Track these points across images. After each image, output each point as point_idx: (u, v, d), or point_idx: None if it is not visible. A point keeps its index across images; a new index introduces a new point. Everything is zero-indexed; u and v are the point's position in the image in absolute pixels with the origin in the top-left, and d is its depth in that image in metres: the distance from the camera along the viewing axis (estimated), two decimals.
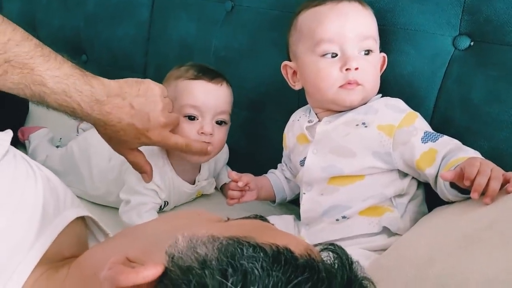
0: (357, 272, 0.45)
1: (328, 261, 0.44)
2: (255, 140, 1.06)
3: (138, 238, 0.50)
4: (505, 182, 0.64)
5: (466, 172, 0.65)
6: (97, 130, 0.80)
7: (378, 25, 0.89)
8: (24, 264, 0.49)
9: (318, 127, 0.87)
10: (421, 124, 0.81)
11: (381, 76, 0.88)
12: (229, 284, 0.37)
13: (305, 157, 0.88)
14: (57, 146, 1.26)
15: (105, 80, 0.77)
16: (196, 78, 0.96)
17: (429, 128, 0.81)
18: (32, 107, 1.39)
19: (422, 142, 0.77)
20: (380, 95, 0.87)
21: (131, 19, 1.34)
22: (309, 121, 0.89)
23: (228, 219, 0.53)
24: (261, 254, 0.40)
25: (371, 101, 0.85)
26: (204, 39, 1.18)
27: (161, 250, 0.42)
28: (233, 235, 0.43)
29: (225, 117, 0.98)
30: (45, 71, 0.69)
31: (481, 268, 0.49)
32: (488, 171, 0.64)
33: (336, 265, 0.43)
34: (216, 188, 1.14)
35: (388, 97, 0.86)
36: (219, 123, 0.97)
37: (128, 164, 0.90)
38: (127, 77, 1.35)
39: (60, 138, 1.30)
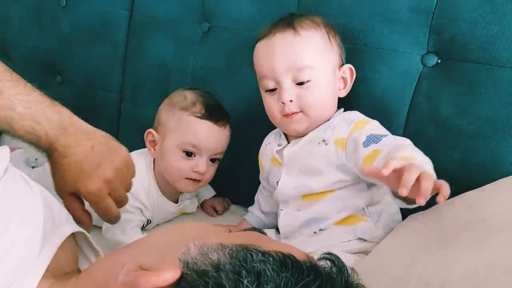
0: (354, 278, 0.48)
1: (327, 267, 0.47)
2: (235, 156, 1.08)
3: (149, 248, 0.52)
4: (435, 190, 0.63)
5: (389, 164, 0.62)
6: (50, 164, 0.72)
7: (350, 44, 0.94)
8: (30, 276, 0.50)
9: (285, 151, 0.90)
10: (369, 129, 0.81)
11: (354, 93, 0.93)
12: (245, 282, 0.40)
13: (279, 179, 0.91)
14: (33, 167, 1.25)
15: (76, 117, 0.73)
16: (202, 117, 0.97)
17: (381, 132, 0.80)
18: None
19: (364, 146, 0.78)
20: (342, 109, 0.91)
21: (106, 39, 1.34)
22: (278, 145, 0.93)
23: (230, 231, 0.55)
24: (270, 258, 0.43)
25: (332, 117, 0.88)
26: (182, 59, 1.20)
27: (174, 258, 0.44)
28: (240, 243, 0.46)
29: (220, 156, 1.01)
30: (14, 95, 0.66)
31: (461, 265, 0.52)
32: (417, 171, 0.62)
33: (335, 270, 0.47)
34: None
35: (348, 111, 0.90)
36: (213, 160, 1.00)
37: (90, 229, 0.89)
38: (104, 97, 1.37)
39: (36, 159, 1.29)
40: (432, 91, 0.87)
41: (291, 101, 0.84)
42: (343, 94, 0.89)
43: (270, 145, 0.96)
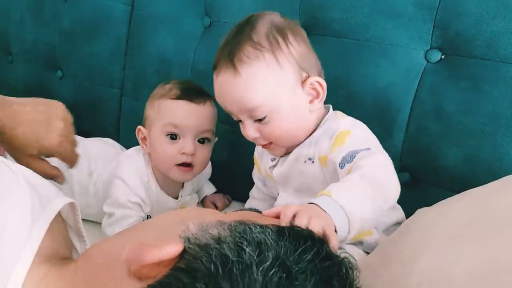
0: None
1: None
2: (236, 152, 1.07)
3: (149, 229, 0.53)
4: None
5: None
6: (2, 142, 0.76)
7: (353, 39, 0.93)
8: (23, 256, 0.49)
9: (274, 171, 0.86)
10: (349, 145, 0.75)
11: (357, 89, 0.92)
12: (247, 250, 0.42)
13: (278, 192, 0.88)
14: None
15: (1, 95, 0.76)
16: (178, 98, 0.96)
17: (359, 146, 0.74)
18: None
19: (341, 168, 0.73)
20: (330, 110, 0.85)
21: (107, 34, 1.34)
22: (271, 160, 0.88)
23: (226, 212, 0.56)
24: (268, 230, 0.45)
25: (318, 127, 0.82)
26: (183, 54, 1.19)
27: (174, 237, 0.45)
28: (238, 219, 0.47)
29: (208, 135, 0.98)
30: None
31: (464, 262, 0.51)
32: (291, 211, 0.54)
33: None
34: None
35: (333, 115, 0.83)
36: (202, 141, 0.98)
37: (112, 178, 0.90)
38: (104, 92, 1.37)
39: None
40: (435, 87, 0.86)
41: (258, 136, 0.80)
42: (318, 105, 0.81)
43: (265, 154, 0.91)
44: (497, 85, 0.80)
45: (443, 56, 0.86)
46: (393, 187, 0.68)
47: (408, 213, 0.81)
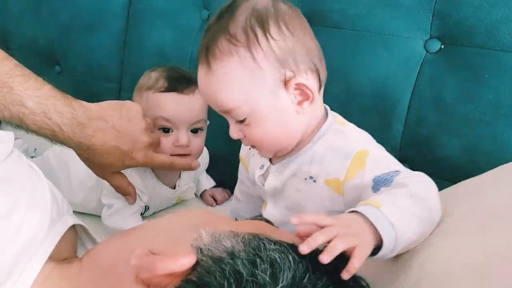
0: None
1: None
2: (234, 144, 1.06)
3: (157, 233, 0.51)
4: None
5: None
6: (78, 155, 0.77)
7: (352, 30, 0.92)
8: (35, 259, 0.49)
9: (266, 184, 0.77)
10: (372, 167, 0.65)
11: (356, 79, 0.91)
12: (261, 269, 0.40)
13: (266, 201, 0.81)
14: (32, 157, 1.24)
15: (86, 103, 0.75)
16: (166, 90, 0.94)
17: (389, 168, 0.64)
18: None
19: (374, 192, 0.62)
20: (329, 119, 0.74)
21: (105, 29, 1.33)
22: (260, 167, 0.79)
23: (236, 219, 0.55)
24: (284, 248, 0.43)
25: (314, 143, 0.71)
26: (181, 48, 1.19)
27: (185, 244, 0.44)
28: (251, 231, 0.46)
29: (201, 125, 0.97)
30: (24, 90, 0.66)
31: (461, 254, 0.50)
32: (328, 235, 0.47)
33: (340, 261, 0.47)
34: (195, 194, 1.15)
35: (333, 133, 0.72)
36: (195, 131, 0.96)
37: (134, 201, 0.91)
38: (103, 87, 1.36)
39: (35, 149, 1.28)
40: (435, 77, 0.85)
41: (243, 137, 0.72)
42: (309, 107, 0.69)
43: (253, 157, 0.83)
44: (497, 74, 0.79)
45: (442, 46, 0.85)
46: (438, 210, 0.59)
47: None
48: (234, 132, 0.71)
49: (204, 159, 1.09)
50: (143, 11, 1.26)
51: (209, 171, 1.15)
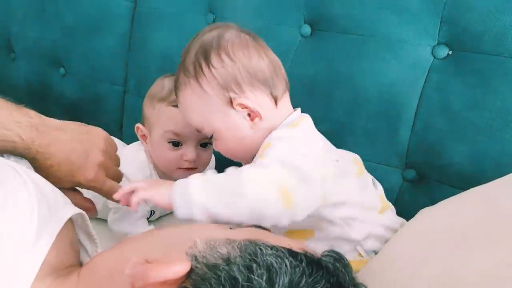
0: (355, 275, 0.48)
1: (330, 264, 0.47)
2: None
3: (153, 242, 0.51)
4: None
5: None
6: (35, 167, 0.72)
7: (359, 35, 0.92)
8: (27, 266, 0.48)
9: None
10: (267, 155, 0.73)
11: (363, 84, 0.91)
12: (257, 274, 0.40)
13: None
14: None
15: (44, 116, 0.73)
16: (175, 104, 0.92)
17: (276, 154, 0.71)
18: None
19: None
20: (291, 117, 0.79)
21: (110, 31, 1.33)
22: None
23: (231, 228, 0.54)
24: (280, 252, 0.43)
25: None
26: None
27: (180, 253, 0.44)
28: (248, 238, 0.45)
29: (210, 139, 0.95)
30: None
31: (477, 266, 0.49)
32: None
33: (340, 266, 0.46)
34: None
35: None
36: (204, 145, 0.96)
37: (96, 213, 0.88)
38: (107, 90, 1.36)
39: None
40: (442, 83, 0.85)
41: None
42: (261, 123, 0.76)
43: None
44: (505, 81, 0.79)
45: (450, 52, 0.85)
46: (248, 187, 0.65)
47: (414, 210, 0.80)
48: (215, 146, 0.82)
49: (210, 162, 1.08)
50: (147, 14, 1.26)
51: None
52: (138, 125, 1.01)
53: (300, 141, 0.75)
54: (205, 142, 0.96)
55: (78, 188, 0.78)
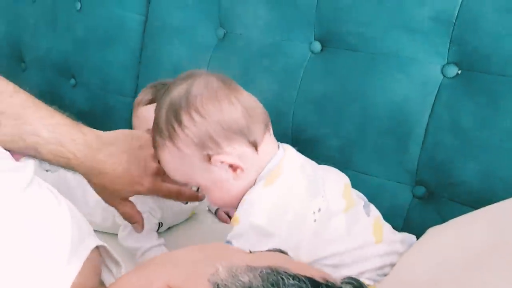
0: None
1: None
2: None
3: (175, 266, 0.51)
4: None
5: None
6: (89, 181, 0.77)
7: (369, 52, 0.93)
8: (57, 285, 0.49)
9: None
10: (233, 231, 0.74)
11: (373, 102, 0.92)
12: None
13: None
14: (47, 170, 1.25)
15: (97, 131, 0.76)
16: (150, 102, 0.95)
17: (237, 234, 0.73)
18: None
19: None
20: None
21: (121, 44, 1.35)
22: None
23: (250, 252, 0.54)
24: (302, 283, 0.43)
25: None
26: (196, 65, 1.19)
27: (202, 279, 0.44)
28: (268, 265, 0.45)
29: None
30: (38, 119, 0.68)
31: None
32: None
33: None
34: (209, 208, 1.16)
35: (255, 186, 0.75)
36: None
37: (142, 230, 0.90)
38: (118, 101, 1.38)
39: None
40: (452, 102, 0.86)
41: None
42: (244, 175, 0.75)
43: None
44: None
45: (459, 71, 0.86)
46: None
47: (424, 227, 0.81)
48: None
49: None
50: (159, 28, 1.27)
51: None
52: None
53: (275, 204, 0.73)
54: None
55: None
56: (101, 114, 1.40)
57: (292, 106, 1.01)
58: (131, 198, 0.84)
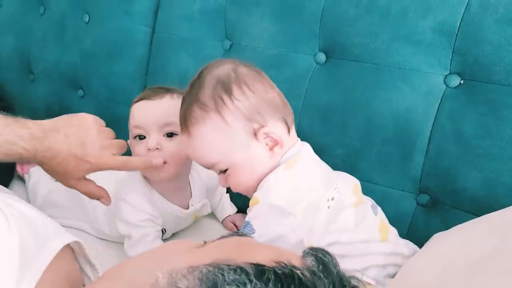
0: (342, 273, 0.46)
1: (312, 266, 0.46)
2: None
3: (120, 279, 0.50)
4: None
5: None
6: (44, 170, 0.80)
7: (373, 63, 0.95)
8: None
9: None
10: (250, 213, 0.76)
11: (378, 112, 0.94)
12: None
13: None
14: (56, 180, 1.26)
15: (39, 121, 0.78)
16: (138, 100, 0.98)
17: (256, 216, 0.75)
18: None
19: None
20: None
21: (128, 55, 1.37)
22: None
23: (205, 242, 0.53)
24: (244, 276, 0.41)
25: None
26: None
27: None
28: (213, 260, 0.44)
29: (174, 128, 0.94)
30: None
31: None
32: None
33: (320, 268, 0.45)
34: (212, 212, 1.17)
35: (275, 172, 0.78)
36: (170, 135, 0.95)
37: (117, 201, 0.92)
38: (125, 112, 1.39)
39: None
40: (455, 111, 0.88)
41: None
42: (280, 151, 0.79)
43: None
44: None
45: (462, 81, 0.88)
46: None
47: (428, 234, 0.83)
48: (222, 181, 0.82)
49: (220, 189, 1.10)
50: (166, 39, 1.29)
51: (231, 198, 1.18)
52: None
53: (294, 187, 0.76)
54: (170, 132, 0.94)
55: (90, 177, 0.85)
56: (109, 124, 1.40)
57: (298, 116, 1.03)
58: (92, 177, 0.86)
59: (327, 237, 0.75)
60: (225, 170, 0.79)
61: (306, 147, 0.83)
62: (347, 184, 0.84)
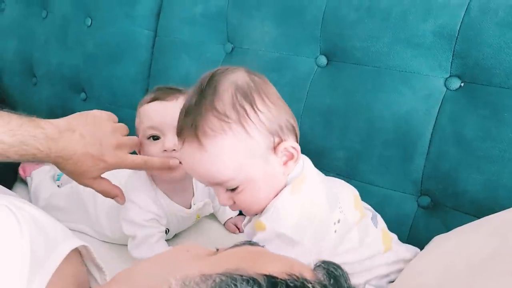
0: (353, 287, 0.47)
1: (323, 279, 0.46)
2: None
3: (131, 284, 0.50)
4: None
5: None
6: (60, 169, 0.80)
7: (374, 66, 0.96)
8: None
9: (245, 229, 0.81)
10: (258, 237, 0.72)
11: (379, 115, 0.95)
12: None
13: None
14: (58, 185, 1.26)
15: (53, 120, 0.78)
16: (151, 100, 0.98)
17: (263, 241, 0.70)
18: None
19: None
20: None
21: (131, 58, 1.38)
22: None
23: (217, 250, 0.52)
24: (256, 287, 0.41)
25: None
26: None
27: None
28: (225, 270, 0.44)
29: None
30: None
31: None
32: None
33: (331, 282, 0.45)
34: (213, 213, 1.17)
35: (283, 193, 0.73)
36: None
37: (124, 200, 0.92)
38: (128, 114, 1.40)
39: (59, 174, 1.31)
40: (455, 114, 0.88)
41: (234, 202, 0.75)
42: (292, 166, 0.74)
43: None
44: None
45: (462, 84, 0.88)
46: None
47: (429, 236, 0.83)
48: (226, 200, 0.74)
49: None
50: (168, 43, 1.30)
51: None
52: None
53: (301, 213, 0.72)
54: None
55: (105, 176, 0.85)
56: None
57: (299, 119, 1.04)
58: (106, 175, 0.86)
59: (334, 259, 0.74)
60: (235, 189, 0.72)
61: (307, 161, 0.79)
62: (349, 198, 0.81)
